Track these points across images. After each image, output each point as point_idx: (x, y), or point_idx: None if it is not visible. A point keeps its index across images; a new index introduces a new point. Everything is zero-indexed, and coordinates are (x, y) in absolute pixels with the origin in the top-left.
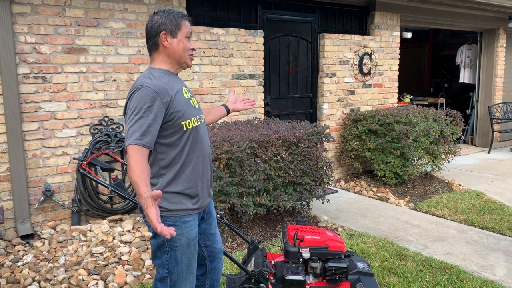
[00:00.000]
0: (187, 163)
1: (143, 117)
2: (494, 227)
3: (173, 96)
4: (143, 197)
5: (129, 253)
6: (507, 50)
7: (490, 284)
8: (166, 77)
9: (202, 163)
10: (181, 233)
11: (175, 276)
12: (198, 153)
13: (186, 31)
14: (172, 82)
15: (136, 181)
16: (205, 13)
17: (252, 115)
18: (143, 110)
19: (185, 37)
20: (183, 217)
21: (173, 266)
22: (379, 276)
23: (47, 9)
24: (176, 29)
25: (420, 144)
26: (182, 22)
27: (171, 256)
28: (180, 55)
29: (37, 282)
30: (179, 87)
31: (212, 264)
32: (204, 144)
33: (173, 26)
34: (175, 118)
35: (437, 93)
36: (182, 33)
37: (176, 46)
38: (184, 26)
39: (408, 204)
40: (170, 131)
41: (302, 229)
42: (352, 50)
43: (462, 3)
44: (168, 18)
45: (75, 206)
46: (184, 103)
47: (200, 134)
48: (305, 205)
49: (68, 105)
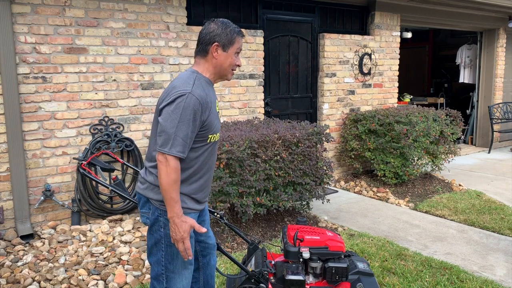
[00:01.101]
0: (200, 170)
1: (185, 127)
2: (494, 227)
3: (211, 109)
4: (181, 219)
5: (129, 253)
6: (507, 50)
7: (490, 284)
8: (207, 87)
9: (211, 172)
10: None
11: (171, 272)
12: (210, 164)
13: (237, 47)
14: (211, 94)
15: (173, 198)
16: (205, 13)
17: (252, 115)
18: (187, 120)
19: (234, 53)
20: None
21: (168, 262)
22: (379, 276)
23: (47, 9)
24: (229, 44)
25: (420, 144)
26: (236, 38)
27: (167, 253)
28: (225, 69)
29: (37, 282)
30: (214, 99)
31: (204, 259)
32: (215, 157)
33: (227, 40)
34: (206, 131)
35: (437, 93)
36: (233, 48)
37: (224, 59)
38: (237, 42)
39: (408, 204)
40: (197, 139)
41: (302, 229)
42: (352, 50)
43: (462, 3)
44: (225, 31)
45: (75, 206)
46: (215, 117)
47: (215, 148)
48: (305, 205)
49: (68, 105)
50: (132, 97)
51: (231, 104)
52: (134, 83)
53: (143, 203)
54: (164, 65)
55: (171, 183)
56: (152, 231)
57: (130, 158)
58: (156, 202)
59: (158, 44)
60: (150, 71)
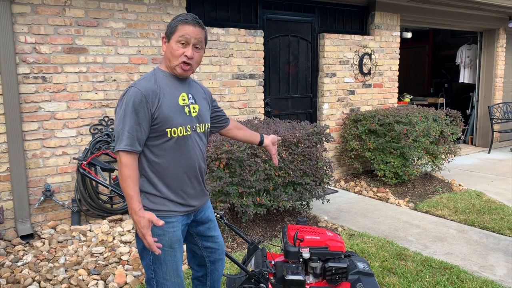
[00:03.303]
0: (170, 169)
1: (129, 119)
2: (494, 227)
3: (165, 101)
4: (138, 215)
5: (129, 253)
6: (507, 50)
7: (490, 284)
8: (165, 80)
9: (186, 173)
10: (163, 233)
11: (161, 277)
12: (184, 161)
13: (179, 35)
14: (168, 87)
15: (129, 193)
16: (205, 13)
17: (252, 115)
18: (130, 112)
19: (176, 42)
20: (165, 217)
21: (157, 266)
22: (379, 276)
23: (47, 9)
24: (171, 33)
25: (420, 144)
26: (178, 26)
27: (154, 257)
28: (170, 61)
29: (37, 282)
30: (178, 93)
31: (213, 266)
32: (192, 154)
33: (169, 30)
34: (160, 124)
35: (437, 93)
36: (175, 37)
37: (167, 50)
38: (178, 30)
39: (408, 204)
40: (155, 135)
41: (302, 229)
42: (352, 50)
43: (462, 3)
44: (170, 24)
45: (75, 206)
46: (175, 110)
47: (189, 144)
48: (305, 205)
49: (68, 105)
50: None
51: (231, 104)
52: None
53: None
54: None
55: (124, 179)
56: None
57: None
58: None
59: (158, 44)
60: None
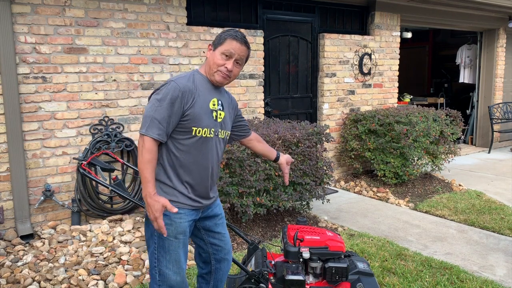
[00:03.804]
0: (188, 165)
1: (163, 110)
2: (494, 227)
3: (198, 102)
4: (153, 198)
5: (129, 253)
6: (507, 50)
7: (490, 284)
8: (202, 84)
9: (201, 171)
10: (170, 223)
11: (164, 266)
12: (203, 161)
13: (226, 48)
14: (204, 90)
15: (146, 177)
16: (205, 13)
17: (252, 115)
18: (166, 104)
19: (221, 53)
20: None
21: (161, 254)
22: (379, 276)
23: (47, 9)
24: (218, 43)
25: (420, 144)
26: (227, 39)
27: (159, 245)
28: (211, 67)
29: (37, 282)
30: (209, 98)
31: (218, 264)
32: (209, 155)
33: (218, 40)
34: (188, 121)
35: (437, 93)
36: (221, 47)
37: (211, 57)
38: (226, 43)
39: (408, 204)
40: (181, 130)
41: (302, 229)
42: (352, 50)
43: (462, 3)
44: (220, 35)
45: (75, 206)
46: (205, 113)
47: (209, 146)
48: (305, 205)
49: (68, 105)
50: (132, 97)
51: None
52: (134, 83)
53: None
54: (164, 65)
55: (144, 162)
56: (147, 223)
57: (130, 158)
58: None
59: (158, 44)
60: (150, 71)
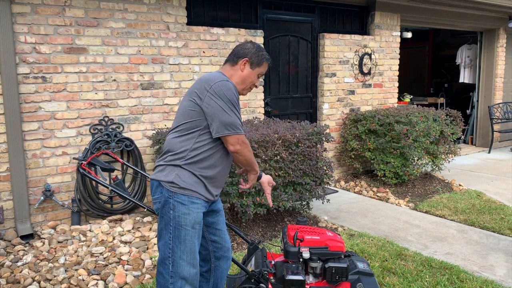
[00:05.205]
0: (215, 162)
1: (236, 110)
2: (494, 227)
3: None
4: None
5: (129, 253)
6: (507, 50)
7: (490, 284)
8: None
9: (225, 171)
10: (188, 212)
11: (178, 256)
12: (229, 162)
13: (262, 71)
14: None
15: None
16: (205, 13)
17: (252, 115)
18: (235, 103)
19: (257, 74)
20: (192, 197)
21: (176, 245)
22: (379, 276)
23: (47, 9)
24: (257, 64)
25: (420, 144)
26: (264, 63)
27: (174, 235)
28: (245, 83)
29: (37, 282)
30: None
31: (217, 262)
32: (230, 159)
33: (257, 60)
34: None
35: (437, 93)
36: (259, 69)
37: (247, 75)
38: (263, 66)
39: (408, 204)
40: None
41: (302, 229)
42: (352, 50)
43: (462, 3)
44: (257, 53)
45: (75, 206)
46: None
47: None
48: (305, 205)
49: (68, 105)
50: (132, 97)
51: None
52: (134, 83)
53: (155, 188)
54: (164, 65)
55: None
56: (162, 213)
57: (130, 158)
58: (166, 184)
59: (158, 44)
60: (150, 71)
